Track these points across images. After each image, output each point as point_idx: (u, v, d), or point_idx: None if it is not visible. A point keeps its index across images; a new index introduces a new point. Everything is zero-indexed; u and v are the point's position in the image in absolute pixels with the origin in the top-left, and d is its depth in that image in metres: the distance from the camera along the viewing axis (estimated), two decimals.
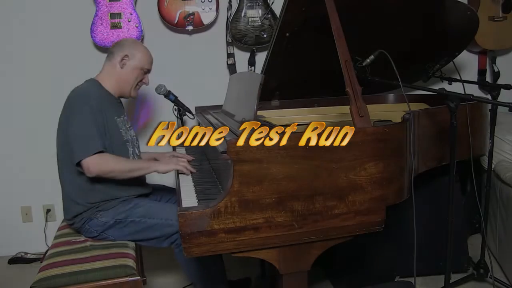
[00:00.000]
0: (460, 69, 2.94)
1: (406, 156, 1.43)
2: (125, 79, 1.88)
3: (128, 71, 1.87)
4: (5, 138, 2.70)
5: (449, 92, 1.52)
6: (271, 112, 2.37)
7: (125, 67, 1.87)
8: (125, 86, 1.89)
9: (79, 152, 1.66)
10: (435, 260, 2.20)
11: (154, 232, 1.73)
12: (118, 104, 1.95)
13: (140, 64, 1.88)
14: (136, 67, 1.88)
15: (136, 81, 1.91)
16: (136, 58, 1.87)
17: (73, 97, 1.77)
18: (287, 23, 1.93)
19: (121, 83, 1.89)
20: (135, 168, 1.76)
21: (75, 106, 1.72)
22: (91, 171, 1.65)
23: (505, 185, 2.22)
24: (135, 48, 1.88)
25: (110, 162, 1.70)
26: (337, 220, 1.33)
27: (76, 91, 1.79)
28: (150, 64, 1.95)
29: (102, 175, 1.68)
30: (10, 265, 2.65)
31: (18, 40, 2.62)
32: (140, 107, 2.79)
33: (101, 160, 1.67)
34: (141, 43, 1.95)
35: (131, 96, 1.94)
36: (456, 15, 2.19)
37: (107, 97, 1.85)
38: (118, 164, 1.73)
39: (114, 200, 1.79)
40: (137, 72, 1.89)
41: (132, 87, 1.91)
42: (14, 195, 2.76)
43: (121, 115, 1.91)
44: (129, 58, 1.86)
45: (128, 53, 1.86)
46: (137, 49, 1.89)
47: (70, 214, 1.79)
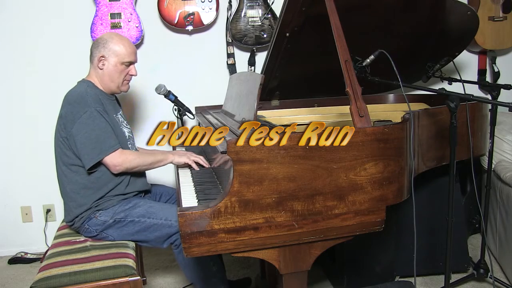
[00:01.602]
0: (460, 69, 2.94)
1: (406, 156, 1.43)
2: (109, 78, 1.84)
3: (109, 69, 1.82)
4: (5, 138, 2.70)
5: (449, 92, 1.52)
6: (271, 112, 2.38)
7: (105, 67, 1.82)
8: (111, 85, 1.86)
9: (95, 153, 1.68)
10: (435, 260, 2.20)
11: (154, 232, 1.73)
12: (114, 101, 1.95)
13: (119, 60, 1.82)
14: (116, 64, 1.82)
15: (121, 76, 1.85)
16: (114, 55, 1.81)
17: (72, 99, 1.75)
18: (287, 23, 1.93)
19: (107, 82, 1.85)
20: (156, 161, 1.85)
21: (78, 110, 1.70)
22: (117, 168, 1.73)
23: (505, 185, 2.22)
24: (110, 44, 1.81)
25: (133, 158, 1.77)
26: (337, 220, 1.33)
27: (74, 93, 1.77)
28: (131, 55, 1.86)
29: (128, 171, 1.77)
30: (10, 265, 2.66)
31: (18, 40, 2.62)
32: (148, 110, 2.78)
33: (125, 157, 1.74)
34: (119, 34, 1.87)
35: (122, 91, 1.90)
36: (456, 15, 2.19)
37: (102, 96, 1.84)
38: (141, 159, 1.80)
39: (114, 199, 1.79)
40: (119, 68, 1.83)
41: (119, 83, 1.86)
42: (14, 195, 2.76)
43: (118, 112, 1.92)
44: (106, 58, 1.81)
45: (104, 52, 1.81)
46: (114, 44, 1.81)
47: (71, 215, 1.79)
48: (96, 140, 1.69)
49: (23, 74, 2.66)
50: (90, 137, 1.69)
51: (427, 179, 2.12)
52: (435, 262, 2.21)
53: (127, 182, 1.83)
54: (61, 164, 1.79)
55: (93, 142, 1.69)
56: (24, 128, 2.70)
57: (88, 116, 1.70)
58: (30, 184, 2.75)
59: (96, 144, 1.69)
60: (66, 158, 1.76)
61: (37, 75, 2.66)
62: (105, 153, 1.70)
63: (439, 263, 2.19)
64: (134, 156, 1.78)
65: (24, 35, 2.62)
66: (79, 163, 1.74)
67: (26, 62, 2.65)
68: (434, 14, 2.14)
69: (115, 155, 1.71)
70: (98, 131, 1.70)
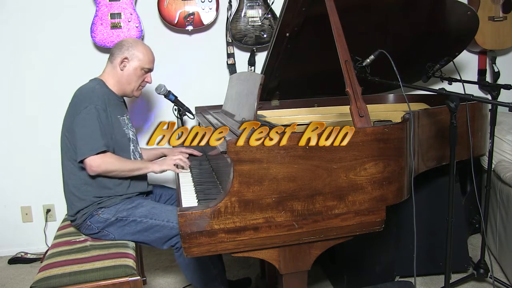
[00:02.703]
0: (460, 69, 2.94)
1: (406, 156, 1.43)
2: (127, 80, 1.89)
3: (129, 72, 1.88)
4: (5, 138, 2.70)
5: (449, 92, 1.52)
6: (271, 112, 2.38)
7: (125, 69, 1.87)
8: (127, 87, 1.91)
9: (83, 150, 1.69)
10: (435, 260, 2.20)
11: (155, 233, 1.73)
12: (121, 103, 1.96)
13: (140, 65, 1.89)
14: (136, 68, 1.88)
15: (139, 81, 1.92)
16: (136, 59, 1.87)
17: (78, 96, 1.79)
18: (287, 23, 1.93)
19: (123, 84, 1.89)
20: (135, 168, 1.82)
21: (80, 105, 1.74)
22: (93, 169, 1.70)
23: (505, 185, 2.22)
24: (135, 48, 1.88)
25: (112, 162, 1.74)
26: (337, 220, 1.33)
27: (81, 90, 1.81)
28: (151, 63, 1.94)
29: (104, 174, 1.74)
30: (10, 265, 2.66)
31: (18, 40, 2.62)
32: (148, 109, 2.79)
33: (104, 160, 1.71)
34: (142, 42, 1.95)
35: (134, 95, 1.96)
36: (456, 15, 2.19)
37: (110, 96, 1.86)
38: (120, 164, 1.77)
39: (117, 197, 1.80)
40: (138, 72, 1.89)
41: (134, 87, 1.92)
42: (14, 195, 2.76)
43: (124, 114, 1.93)
44: (128, 60, 1.87)
45: (128, 55, 1.86)
46: (137, 50, 1.88)
47: (73, 209, 1.80)
48: (89, 136, 1.70)
49: (23, 74, 2.66)
50: (85, 132, 1.70)
51: (427, 179, 2.12)
52: (435, 262, 2.21)
53: (128, 184, 1.83)
54: (65, 158, 1.81)
55: (86, 138, 1.70)
56: (24, 128, 2.70)
57: (87, 112, 1.71)
58: (30, 184, 2.75)
59: (88, 140, 1.70)
60: (69, 153, 1.78)
61: (37, 75, 2.66)
62: (92, 153, 1.69)
63: (439, 263, 2.19)
64: (113, 159, 1.75)
65: (24, 35, 2.62)
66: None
67: (26, 62, 2.65)
68: (434, 14, 2.14)
69: (95, 156, 1.70)
70: (90, 128, 1.70)
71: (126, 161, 1.84)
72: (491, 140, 2.01)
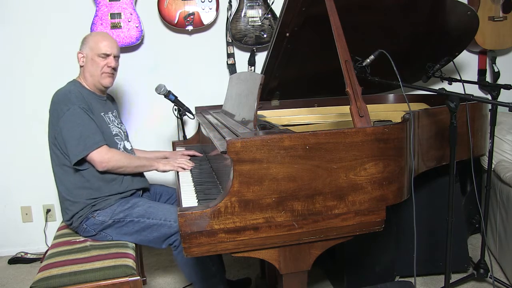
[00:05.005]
0: (460, 69, 2.94)
1: (406, 156, 1.43)
2: (89, 73, 1.87)
3: (87, 64, 1.87)
4: (5, 138, 2.70)
5: (449, 92, 1.52)
6: (271, 112, 2.38)
7: (85, 64, 1.88)
8: (91, 79, 1.89)
9: (81, 147, 1.68)
10: (435, 260, 2.20)
11: (152, 232, 1.73)
12: (104, 101, 1.96)
13: (93, 52, 1.86)
14: (92, 58, 1.86)
15: (98, 68, 1.87)
16: (88, 49, 1.86)
17: (56, 99, 1.78)
18: (287, 23, 1.93)
19: (88, 78, 1.89)
20: (141, 165, 1.88)
21: (62, 107, 1.73)
22: (104, 165, 1.73)
23: (505, 185, 2.22)
24: (86, 41, 1.89)
25: (120, 159, 1.78)
26: (337, 220, 1.33)
27: (58, 94, 1.80)
28: (106, 47, 1.87)
29: (112, 170, 1.77)
30: (10, 265, 2.66)
31: (18, 41, 2.62)
32: (148, 110, 2.78)
33: (113, 156, 1.75)
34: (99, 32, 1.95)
35: (103, 84, 1.90)
36: (456, 15, 2.19)
37: (89, 95, 1.86)
38: (127, 160, 1.81)
39: (111, 198, 1.79)
40: (95, 61, 1.86)
41: (98, 76, 1.88)
42: (14, 195, 2.76)
43: (108, 111, 1.93)
44: (82, 53, 1.88)
45: (81, 49, 1.89)
46: (88, 40, 1.88)
47: (68, 214, 1.80)
48: (79, 136, 1.69)
49: (23, 74, 2.66)
50: (74, 133, 1.70)
51: (427, 179, 2.12)
52: (435, 262, 2.21)
53: (121, 181, 1.83)
54: (54, 164, 1.81)
55: (77, 138, 1.69)
56: (24, 128, 2.70)
57: (71, 113, 1.71)
58: (30, 184, 2.75)
59: (79, 141, 1.69)
60: (57, 159, 1.79)
61: (37, 75, 2.66)
62: (90, 149, 1.70)
63: (439, 263, 2.19)
64: (121, 156, 1.80)
65: (23, 35, 2.62)
66: (69, 163, 1.74)
67: (26, 62, 2.65)
68: (434, 14, 2.14)
69: (101, 151, 1.72)
70: (81, 127, 1.70)
71: (132, 157, 1.88)
72: (491, 140, 2.01)
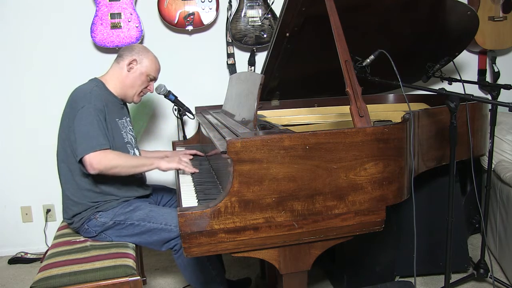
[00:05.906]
0: (460, 69, 2.94)
1: (406, 156, 1.43)
2: (130, 83, 1.88)
3: (134, 75, 1.87)
4: (5, 138, 2.70)
5: (449, 92, 1.52)
6: (271, 112, 2.38)
7: (132, 71, 1.87)
8: (129, 90, 1.89)
9: (83, 148, 1.65)
10: (435, 260, 2.20)
11: (153, 236, 1.72)
12: (121, 106, 1.94)
13: (147, 71, 1.89)
14: (142, 73, 1.88)
15: (141, 87, 1.91)
16: (144, 64, 1.88)
17: (76, 95, 1.76)
18: (287, 23, 1.93)
19: (126, 87, 1.88)
20: (138, 165, 1.74)
21: (78, 104, 1.71)
22: (94, 167, 1.62)
23: (505, 185, 2.22)
24: (144, 54, 1.89)
25: (113, 157, 1.67)
26: (337, 220, 1.33)
27: (79, 90, 1.79)
28: (157, 72, 1.95)
29: (105, 172, 1.66)
30: (10, 265, 2.66)
31: (18, 40, 2.62)
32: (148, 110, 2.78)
33: (104, 156, 1.65)
34: (151, 51, 1.95)
35: (134, 101, 1.94)
36: (456, 15, 2.19)
37: (109, 98, 1.84)
38: (122, 160, 1.70)
39: (114, 201, 1.79)
40: (143, 78, 1.89)
41: (136, 92, 1.91)
42: (14, 195, 2.76)
43: (123, 117, 1.91)
44: (137, 63, 1.87)
45: (137, 58, 1.87)
46: (147, 56, 1.89)
47: (69, 213, 1.79)
48: (88, 134, 1.65)
49: (23, 75, 2.66)
50: (82, 131, 1.66)
51: (427, 179, 2.12)
52: (435, 262, 2.21)
53: (126, 189, 1.82)
54: (60, 161, 1.79)
55: (84, 136, 1.65)
56: (24, 128, 2.70)
57: (84, 111, 1.69)
58: (30, 184, 2.75)
59: (86, 138, 1.65)
60: (65, 156, 1.76)
61: (37, 76, 2.66)
62: (93, 150, 1.63)
63: (439, 263, 2.19)
64: (114, 154, 1.68)
65: (23, 35, 2.62)
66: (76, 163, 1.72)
67: (25, 63, 2.65)
68: (434, 14, 2.14)
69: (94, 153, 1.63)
70: (89, 126, 1.66)
71: (129, 156, 1.79)
72: (491, 140, 2.01)
